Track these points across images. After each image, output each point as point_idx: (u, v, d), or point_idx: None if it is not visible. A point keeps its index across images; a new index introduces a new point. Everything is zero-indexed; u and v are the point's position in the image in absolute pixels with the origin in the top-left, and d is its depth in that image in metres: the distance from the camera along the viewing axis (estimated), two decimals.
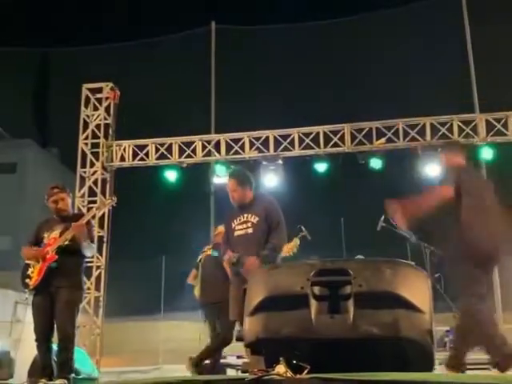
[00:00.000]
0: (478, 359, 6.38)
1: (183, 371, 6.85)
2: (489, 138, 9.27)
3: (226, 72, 10.98)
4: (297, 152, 9.75)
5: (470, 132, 9.33)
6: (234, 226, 5.04)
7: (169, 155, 10.00)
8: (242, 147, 9.88)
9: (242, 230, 4.99)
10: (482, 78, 10.09)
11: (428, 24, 10.38)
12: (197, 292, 6.74)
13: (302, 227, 7.84)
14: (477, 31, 10.19)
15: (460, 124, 9.40)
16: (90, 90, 10.18)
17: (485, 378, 2.31)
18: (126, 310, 12.66)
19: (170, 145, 10.02)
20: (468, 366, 4.64)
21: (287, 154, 9.77)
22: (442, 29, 10.28)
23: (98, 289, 9.57)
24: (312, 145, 9.73)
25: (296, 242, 6.12)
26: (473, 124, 9.37)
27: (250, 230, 4.94)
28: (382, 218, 7.62)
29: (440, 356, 5.89)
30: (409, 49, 10.32)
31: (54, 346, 4.80)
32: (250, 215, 5.01)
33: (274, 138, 9.83)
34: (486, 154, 9.23)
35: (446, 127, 9.37)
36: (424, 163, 9.30)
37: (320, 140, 9.71)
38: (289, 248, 6.00)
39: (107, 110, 10.18)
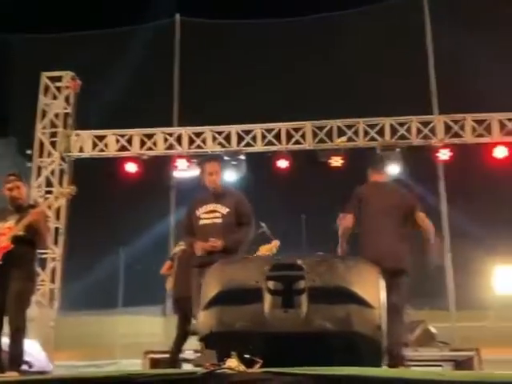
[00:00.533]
0: (425, 356, 6.53)
1: (140, 366, 6.81)
2: (446, 139, 9.46)
3: (189, 65, 10.91)
4: (259, 148, 9.78)
5: (428, 133, 9.51)
6: (198, 214, 4.91)
7: (129, 147, 9.89)
8: (204, 141, 9.85)
9: (208, 219, 4.87)
10: (442, 79, 10.28)
11: (390, 24, 10.50)
12: (169, 284, 6.66)
13: (262, 223, 7.88)
14: (437, 33, 10.37)
15: (419, 125, 9.57)
16: (49, 78, 9.99)
17: (430, 374, 2.36)
18: (82, 303, 12.47)
19: (131, 136, 9.92)
20: (415, 363, 4.75)
21: (249, 149, 9.80)
22: (403, 30, 10.42)
23: (53, 281, 9.42)
24: (274, 141, 9.78)
25: (276, 243, 6.02)
26: (431, 125, 9.56)
27: (218, 220, 4.85)
28: (340, 215, 7.71)
29: None
30: (371, 49, 10.43)
31: (6, 339, 4.70)
32: (219, 205, 4.90)
33: (237, 133, 9.84)
34: (443, 154, 9.43)
35: (405, 128, 9.54)
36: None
37: (282, 137, 9.77)
38: (267, 248, 5.90)
39: (67, 99, 10.01)
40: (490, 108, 9.52)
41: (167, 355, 6.43)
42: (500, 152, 9.31)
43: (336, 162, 9.56)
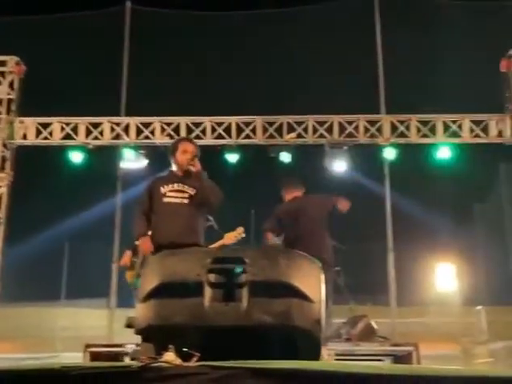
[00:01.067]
0: (366, 350, 6.66)
1: (80, 359, 6.68)
2: (392, 138, 9.65)
3: (139, 54, 10.73)
4: (208, 141, 9.73)
5: (375, 132, 9.68)
6: (163, 191, 4.80)
7: (74, 135, 9.67)
8: (153, 132, 9.73)
9: (176, 197, 4.79)
10: (390, 80, 10.46)
11: (341, 23, 10.60)
12: (130, 277, 6.50)
13: (209, 217, 7.83)
14: (387, 33, 10.53)
15: (366, 124, 9.73)
16: None
17: (370, 367, 2.39)
18: (23, 295, 12.16)
19: (77, 125, 9.70)
20: (357, 357, 4.84)
21: (198, 142, 9.69)
22: (354, 29, 10.54)
23: None
24: (224, 135, 9.75)
25: (241, 229, 5.95)
26: (378, 124, 9.73)
27: (185, 201, 4.79)
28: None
29: (338, 347, 6.11)
30: (323, 47, 10.50)
31: None
32: (186, 186, 4.84)
33: (186, 125, 9.76)
34: (389, 154, 9.62)
35: (353, 126, 9.67)
36: (331, 160, 9.61)
37: (232, 130, 9.75)
38: (231, 236, 5.81)
39: (11, 84, 9.71)
40: (435, 109, 9.77)
41: (109, 349, 6.34)
42: (443, 152, 9.56)
43: (285, 157, 9.63)
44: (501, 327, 12.04)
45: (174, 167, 5.03)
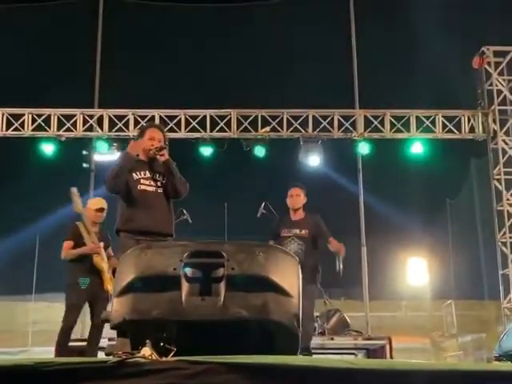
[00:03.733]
0: (340, 344, 6.73)
1: (52, 354, 6.60)
2: (366, 133, 9.72)
3: (113, 45, 10.60)
4: (182, 134, 9.68)
5: (349, 127, 9.74)
6: (136, 177, 4.71)
7: (46, 127, 9.53)
8: (127, 125, 9.64)
9: (149, 185, 4.71)
10: (364, 75, 10.52)
11: (316, 17, 10.63)
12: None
13: (184, 210, 7.80)
14: (362, 29, 10.58)
15: (340, 118, 9.79)
16: None
17: (343, 362, 2.40)
18: None
19: (49, 116, 9.56)
20: (331, 351, 4.88)
21: (172, 135, 9.66)
22: (329, 24, 10.57)
23: None
24: (198, 128, 9.70)
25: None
26: (352, 119, 9.79)
27: (159, 190, 4.73)
28: (263, 204, 7.78)
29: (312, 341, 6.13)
30: (297, 41, 10.52)
31: None
32: (157, 174, 4.76)
33: (160, 117, 9.70)
34: (363, 148, 9.69)
35: (327, 121, 9.71)
36: (305, 154, 9.64)
37: (206, 124, 9.71)
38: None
39: None
40: (409, 105, 9.86)
41: (79, 343, 6.26)
42: (416, 147, 9.67)
43: (259, 151, 9.63)
44: (470, 321, 12.26)
45: (140, 153, 4.87)
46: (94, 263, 5.93)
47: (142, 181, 4.73)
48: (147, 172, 4.76)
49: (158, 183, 4.76)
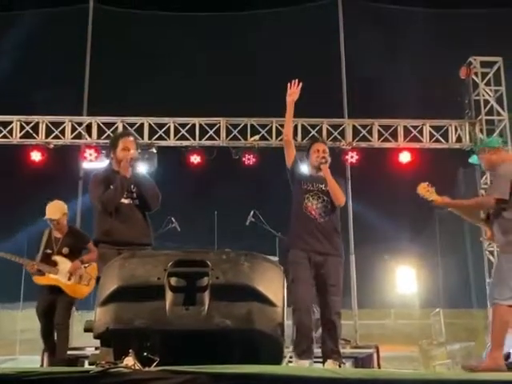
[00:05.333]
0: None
1: (39, 363, 6.57)
2: (354, 142, 9.77)
3: (102, 53, 10.59)
4: (171, 142, 9.67)
5: (338, 136, 9.78)
6: None
7: (35, 135, 9.49)
8: (115, 132, 9.60)
9: (126, 198, 4.72)
10: (353, 85, 10.57)
11: (306, 27, 10.69)
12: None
13: (173, 218, 7.79)
14: (350, 38, 10.64)
15: (329, 127, 9.82)
16: None
17: (327, 371, 2.40)
18: None
19: (37, 123, 9.51)
20: (319, 359, 4.88)
21: (162, 143, 9.67)
22: (318, 33, 10.63)
23: None
24: (187, 136, 9.70)
25: None
26: (341, 128, 9.83)
27: (136, 202, 4.75)
28: (251, 213, 7.79)
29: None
30: (286, 50, 10.56)
31: None
32: (132, 186, 4.76)
33: (149, 125, 9.68)
34: (351, 157, 9.71)
35: (316, 129, 9.74)
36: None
37: (196, 132, 9.71)
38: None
39: None
40: (397, 114, 9.92)
41: (67, 352, 6.25)
42: (404, 157, 9.72)
43: (248, 160, 9.64)
44: (458, 329, 12.31)
45: (113, 164, 4.88)
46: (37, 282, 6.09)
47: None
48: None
49: (134, 195, 4.77)
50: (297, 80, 5.19)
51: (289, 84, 5.20)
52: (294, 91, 5.17)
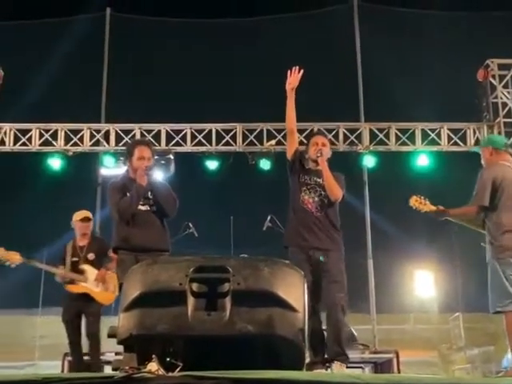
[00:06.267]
0: (350, 358, 6.68)
1: (58, 368, 6.61)
2: (371, 146, 9.73)
3: (119, 60, 10.69)
4: (188, 148, 9.71)
5: (355, 140, 9.75)
6: None
7: (54, 142, 9.59)
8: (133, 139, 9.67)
9: (143, 205, 4.77)
10: (369, 88, 10.55)
11: (323, 32, 10.69)
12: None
13: (190, 224, 7.82)
14: (367, 42, 10.62)
15: (345, 131, 9.80)
16: None
17: (349, 377, 2.40)
18: (1, 303, 12.00)
19: (56, 131, 9.61)
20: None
21: (178, 149, 9.72)
22: (335, 38, 10.63)
23: None
24: (204, 142, 9.74)
25: None
26: (357, 132, 9.81)
27: (154, 208, 4.80)
28: (269, 217, 7.79)
29: None
30: (302, 54, 10.56)
31: None
32: (148, 192, 4.81)
33: (166, 131, 9.73)
34: (369, 161, 9.68)
35: (333, 134, 9.72)
36: None
37: (212, 137, 9.74)
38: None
39: None
40: (414, 117, 9.87)
41: (86, 357, 6.30)
42: (422, 160, 9.67)
43: (265, 164, 9.64)
44: (477, 334, 12.17)
45: (130, 172, 4.96)
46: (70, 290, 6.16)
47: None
48: None
49: (151, 201, 4.82)
50: (297, 67, 5.02)
51: (289, 71, 5.04)
52: (293, 79, 5.03)
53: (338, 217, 5.00)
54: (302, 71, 5.01)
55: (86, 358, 6.34)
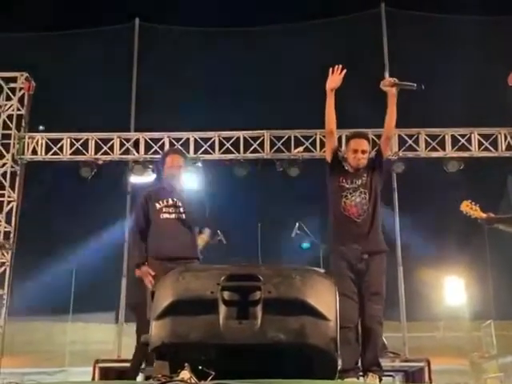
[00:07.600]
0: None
1: (89, 374, 6.68)
2: (401, 152, 9.67)
3: (148, 70, 10.82)
4: (216, 156, 9.78)
5: None
6: (159, 207, 4.82)
7: (84, 151, 9.75)
8: (162, 147, 9.78)
9: (172, 213, 4.81)
10: (398, 93, 10.45)
11: (351, 38, 10.68)
12: None
13: (218, 231, 7.86)
14: (395, 46, 10.56)
15: (374, 137, 9.68)
16: (3, 79, 9.82)
17: None
18: (32, 309, 12.20)
19: (86, 140, 9.79)
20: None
21: (207, 156, 9.79)
22: (361, 41, 10.60)
23: (2, 286, 9.20)
24: (232, 149, 9.79)
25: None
26: None
27: (183, 216, 4.82)
28: (297, 225, 7.78)
29: None
30: (329, 60, 10.54)
31: None
32: (178, 200, 4.85)
33: (195, 140, 9.82)
34: (398, 167, 9.61)
35: None
36: None
37: (240, 145, 9.79)
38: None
39: (21, 100, 9.83)
40: (444, 123, 9.77)
41: (117, 364, 6.34)
42: (452, 166, 9.56)
43: (293, 171, 9.65)
44: (510, 341, 11.96)
45: (162, 180, 5.04)
46: None
47: (164, 209, 4.84)
48: (169, 200, 4.86)
49: (181, 209, 4.85)
50: (340, 66, 4.61)
51: (330, 69, 4.61)
52: (335, 78, 4.60)
53: (381, 216, 4.75)
54: (344, 71, 4.63)
55: (116, 365, 6.39)
